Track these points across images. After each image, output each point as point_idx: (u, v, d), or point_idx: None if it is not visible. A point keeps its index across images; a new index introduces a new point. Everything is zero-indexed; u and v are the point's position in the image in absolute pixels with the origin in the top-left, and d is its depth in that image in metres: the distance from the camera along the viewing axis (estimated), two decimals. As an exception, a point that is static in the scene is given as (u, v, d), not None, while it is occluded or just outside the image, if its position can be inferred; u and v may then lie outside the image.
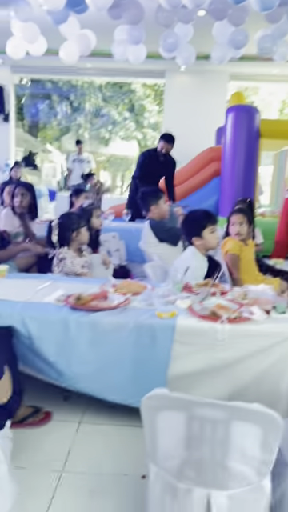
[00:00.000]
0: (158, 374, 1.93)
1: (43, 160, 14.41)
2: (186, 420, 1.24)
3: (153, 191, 3.73)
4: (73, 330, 1.97)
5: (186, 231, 2.78)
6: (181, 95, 8.66)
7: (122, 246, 4.50)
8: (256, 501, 1.29)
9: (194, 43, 5.25)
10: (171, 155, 5.80)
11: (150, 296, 2.20)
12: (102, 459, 1.90)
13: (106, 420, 2.16)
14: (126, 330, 1.94)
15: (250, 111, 6.18)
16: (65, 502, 1.65)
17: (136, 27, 4.59)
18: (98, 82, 13.26)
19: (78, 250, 3.02)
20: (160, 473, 1.33)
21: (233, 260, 3.21)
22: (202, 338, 1.92)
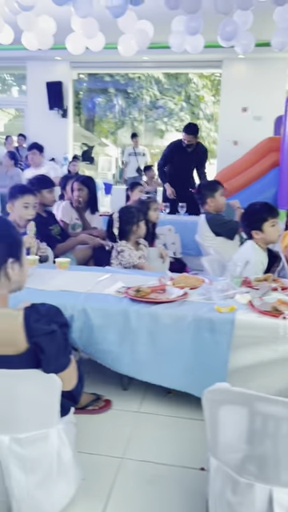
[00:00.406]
0: (218, 366, 1.94)
1: (99, 154, 14.67)
2: (248, 415, 1.24)
3: (209, 184, 3.69)
4: (133, 321, 2.02)
5: (246, 224, 2.74)
6: (238, 84, 8.45)
7: (177, 239, 4.51)
8: None
9: (253, 30, 5.09)
10: (202, 145, 5.65)
11: (208, 290, 2.20)
12: (161, 449, 1.94)
13: (163, 411, 2.19)
14: (184, 323, 1.96)
15: (313, 99, 5.92)
16: (125, 488, 1.70)
17: (193, 17, 4.53)
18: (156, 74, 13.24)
19: (135, 243, 3.07)
20: (221, 466, 1.34)
21: None
22: (263, 333, 1.90)
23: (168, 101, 14.34)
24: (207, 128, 14.73)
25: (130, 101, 14.52)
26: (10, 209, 2.87)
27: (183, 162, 5.43)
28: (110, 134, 15.84)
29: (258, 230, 2.66)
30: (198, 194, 3.62)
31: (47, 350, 1.28)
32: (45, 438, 1.42)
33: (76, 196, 4.04)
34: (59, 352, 1.32)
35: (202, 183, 3.74)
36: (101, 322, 2.05)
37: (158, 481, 1.74)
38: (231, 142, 8.11)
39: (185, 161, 5.42)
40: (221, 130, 8.89)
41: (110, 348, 2.07)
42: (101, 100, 14.77)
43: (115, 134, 15.66)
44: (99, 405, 2.20)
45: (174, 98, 14.38)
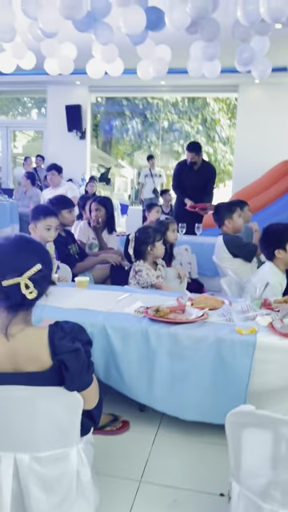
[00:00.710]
0: (238, 390, 1.91)
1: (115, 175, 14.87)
2: (272, 439, 1.22)
3: (227, 205, 3.71)
4: (153, 341, 2.00)
5: (268, 244, 2.72)
6: (254, 108, 8.55)
7: (193, 260, 4.51)
8: None
9: (270, 56, 5.18)
10: (209, 163, 5.70)
11: (228, 311, 2.19)
12: (179, 473, 1.90)
13: (181, 434, 2.16)
14: (205, 345, 1.94)
15: None
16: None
17: (212, 44, 4.63)
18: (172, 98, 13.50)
19: (153, 263, 3.08)
20: (243, 492, 1.31)
21: None
22: (284, 356, 1.88)
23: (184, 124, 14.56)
24: (223, 150, 14.87)
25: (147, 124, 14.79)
26: (32, 229, 2.91)
27: (190, 181, 5.47)
28: (127, 156, 16.09)
29: (282, 250, 2.65)
30: (217, 215, 3.63)
31: (71, 368, 1.29)
32: (65, 458, 1.41)
33: (94, 216, 4.09)
34: (83, 370, 1.32)
35: (220, 204, 3.75)
36: (120, 341, 2.05)
37: (177, 506, 1.71)
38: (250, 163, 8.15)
39: (192, 179, 5.46)
40: (236, 152, 8.96)
41: (130, 371, 2.05)
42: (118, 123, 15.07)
43: (131, 156, 15.90)
44: (117, 426, 2.18)
45: (190, 121, 14.60)
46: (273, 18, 3.53)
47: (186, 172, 5.48)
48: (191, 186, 5.47)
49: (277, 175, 6.78)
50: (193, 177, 5.47)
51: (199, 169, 5.48)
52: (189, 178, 5.47)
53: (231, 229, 3.50)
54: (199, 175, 5.48)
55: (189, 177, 5.47)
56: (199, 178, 5.49)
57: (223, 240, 3.48)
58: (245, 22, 3.83)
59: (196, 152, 5.40)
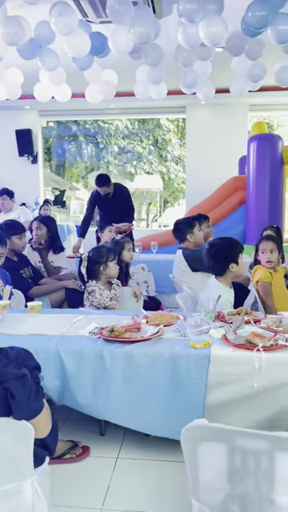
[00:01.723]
0: (195, 404, 1.90)
1: (71, 198, 14.82)
2: (227, 451, 1.22)
3: (186, 221, 3.76)
4: (108, 362, 1.97)
5: (221, 260, 2.74)
6: (202, 128, 8.84)
7: (150, 278, 4.52)
8: (306, 538, 1.22)
9: (213, 78, 5.40)
10: (120, 185, 5.72)
11: (182, 326, 2.19)
12: (142, 496, 1.86)
13: (143, 455, 2.12)
14: (161, 361, 1.93)
15: (273, 139, 6.25)
16: None
17: (156, 68, 4.77)
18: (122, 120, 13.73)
19: (107, 282, 3.06)
20: (203, 509, 1.29)
21: (265, 288, 3.18)
22: (238, 367, 1.89)
23: (136, 145, 14.80)
24: (175, 169, 15.20)
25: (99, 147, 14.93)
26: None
27: (109, 208, 5.45)
28: (81, 178, 16.11)
29: (234, 263, 2.71)
30: (177, 232, 3.68)
31: (18, 395, 1.24)
32: (18, 492, 1.34)
33: (35, 235, 4.04)
34: (30, 396, 1.27)
35: (180, 221, 3.79)
36: (74, 364, 2.00)
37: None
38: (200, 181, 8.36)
39: (110, 206, 5.44)
40: (188, 170, 9.18)
41: (84, 392, 2.01)
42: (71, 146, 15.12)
43: (86, 178, 15.94)
44: (76, 452, 2.11)
45: (142, 142, 14.86)
46: (212, 41, 3.69)
47: (102, 201, 5.49)
48: (111, 211, 5.44)
49: (227, 191, 7.00)
50: (110, 203, 5.45)
51: (114, 194, 5.46)
52: (106, 205, 5.49)
53: (193, 243, 3.56)
54: (115, 200, 5.46)
55: (106, 204, 5.49)
56: (116, 203, 5.47)
57: (183, 255, 3.52)
58: (186, 45, 3.98)
59: (106, 185, 5.35)
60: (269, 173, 6.13)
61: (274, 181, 6.16)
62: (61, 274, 4.04)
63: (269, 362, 1.87)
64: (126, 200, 5.64)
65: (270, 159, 6.12)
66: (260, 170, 6.16)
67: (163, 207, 16.84)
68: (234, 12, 3.79)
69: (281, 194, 6.23)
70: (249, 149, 6.33)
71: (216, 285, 2.76)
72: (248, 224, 6.42)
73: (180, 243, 3.68)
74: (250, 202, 6.36)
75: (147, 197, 16.63)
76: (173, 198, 16.58)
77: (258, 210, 6.20)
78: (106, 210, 5.52)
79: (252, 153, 6.22)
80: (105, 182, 5.35)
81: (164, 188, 15.77)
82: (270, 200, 6.16)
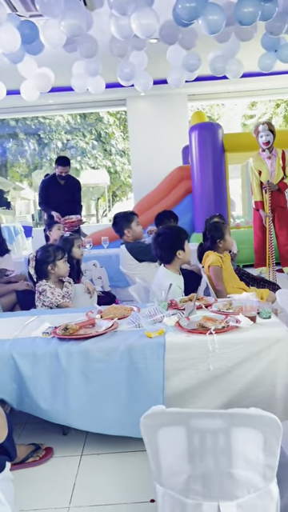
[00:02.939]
0: (155, 395, 1.92)
1: (16, 198, 14.43)
2: (186, 434, 1.25)
3: (124, 215, 3.75)
4: (64, 361, 1.95)
5: (168, 248, 2.79)
6: (144, 120, 8.88)
7: (103, 273, 4.51)
8: (265, 507, 1.28)
9: (150, 69, 5.43)
10: (74, 177, 5.88)
11: (136, 318, 2.21)
12: (108, 490, 1.87)
13: (107, 449, 2.13)
14: (117, 354, 1.94)
15: (213, 128, 6.38)
16: (75, 538, 1.61)
17: (92, 60, 4.73)
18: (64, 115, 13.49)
19: (58, 281, 3.02)
20: (167, 492, 1.32)
21: (216, 272, 3.25)
22: (193, 352, 1.94)
23: (79, 140, 14.62)
24: (121, 162, 15.19)
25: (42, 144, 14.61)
26: None
27: (58, 195, 5.49)
28: (24, 177, 15.71)
29: (181, 250, 2.76)
30: (116, 227, 3.68)
31: None
32: (-21, 502, 1.31)
33: None
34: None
35: (117, 215, 3.81)
36: (30, 367, 1.96)
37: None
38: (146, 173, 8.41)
39: (60, 193, 5.49)
40: (133, 163, 9.21)
41: (43, 395, 1.97)
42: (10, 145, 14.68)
43: (29, 177, 15.57)
44: (40, 455, 2.08)
45: (85, 137, 14.71)
46: (144, 34, 3.70)
47: (54, 187, 5.51)
48: (59, 199, 5.49)
49: (173, 182, 7.09)
50: (60, 191, 5.51)
51: (66, 183, 5.55)
52: (56, 192, 5.51)
53: (131, 237, 3.57)
54: (66, 189, 5.55)
55: (57, 191, 5.51)
56: (67, 192, 5.55)
57: (126, 248, 3.53)
58: (119, 36, 3.97)
59: (69, 165, 5.50)
60: (211, 161, 6.27)
61: (216, 169, 6.30)
62: (11, 276, 3.94)
63: (221, 344, 1.93)
64: (76, 192, 5.66)
65: (212, 148, 6.25)
66: (203, 158, 6.28)
67: (112, 201, 16.81)
68: (166, 2, 3.82)
69: (224, 181, 6.40)
70: (190, 138, 6.44)
71: (165, 273, 2.80)
72: (195, 213, 6.54)
73: (120, 237, 3.70)
74: (195, 191, 6.48)
75: (95, 192, 16.53)
76: (121, 191, 16.59)
77: (204, 198, 6.33)
78: (55, 196, 5.49)
79: (194, 142, 6.33)
80: (68, 161, 5.48)
81: (111, 182, 15.73)
82: (214, 188, 6.30)
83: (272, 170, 5.17)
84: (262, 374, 1.92)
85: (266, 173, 5.15)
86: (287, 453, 1.52)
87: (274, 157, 5.17)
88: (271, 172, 5.16)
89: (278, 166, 5.15)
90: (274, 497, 1.31)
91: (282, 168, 5.15)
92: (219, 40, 4.62)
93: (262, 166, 5.20)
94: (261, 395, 1.92)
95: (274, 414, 1.87)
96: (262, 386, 1.92)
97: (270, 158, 5.16)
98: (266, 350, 1.92)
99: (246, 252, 5.83)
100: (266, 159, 5.18)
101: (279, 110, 14.22)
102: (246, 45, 4.78)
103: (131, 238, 3.57)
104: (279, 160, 5.15)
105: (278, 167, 5.15)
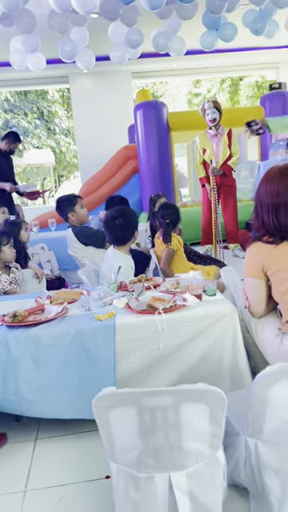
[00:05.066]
0: (106, 377, 1.95)
1: None
2: (136, 412, 1.29)
3: (67, 198, 3.66)
4: (14, 349, 1.94)
5: (131, 226, 2.82)
6: (88, 97, 8.69)
7: (52, 257, 4.45)
8: (213, 473, 1.37)
9: (93, 46, 5.30)
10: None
11: (86, 301, 2.22)
12: (64, 471, 1.90)
13: (61, 431, 2.16)
14: (67, 339, 1.95)
15: (157, 106, 6.37)
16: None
17: (30, 36, 4.54)
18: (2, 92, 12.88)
19: (5, 267, 2.96)
20: (121, 468, 1.37)
21: (169, 255, 3.31)
22: (143, 332, 1.99)
23: (21, 119, 14.08)
24: (66, 142, 14.82)
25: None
26: None
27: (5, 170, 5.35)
28: None
29: (136, 230, 2.81)
30: (59, 210, 3.62)
31: None
32: None
33: None
34: None
35: (61, 198, 3.72)
36: (-22, 356, 1.93)
37: (65, 502, 1.72)
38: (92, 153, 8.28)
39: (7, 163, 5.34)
40: (78, 142, 9.03)
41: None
42: None
43: None
44: (-7, 442, 2.07)
45: (26, 116, 14.17)
46: (83, 9, 3.60)
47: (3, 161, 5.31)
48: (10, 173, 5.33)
49: (120, 161, 7.05)
50: (10, 166, 5.33)
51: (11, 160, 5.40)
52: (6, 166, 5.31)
53: (76, 220, 3.53)
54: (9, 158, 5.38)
55: (6, 165, 5.31)
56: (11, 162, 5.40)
57: (73, 232, 3.50)
58: (58, 9, 3.83)
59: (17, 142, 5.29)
60: (157, 140, 6.28)
61: (162, 147, 6.33)
62: None
63: (170, 323, 1.99)
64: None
65: (157, 126, 6.26)
66: (148, 137, 6.28)
67: (59, 182, 16.44)
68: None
69: (170, 160, 6.44)
70: (136, 117, 6.40)
71: (116, 254, 2.81)
72: (143, 192, 6.57)
73: (66, 221, 3.64)
74: (142, 171, 6.49)
75: (40, 172, 16.07)
76: (67, 171, 16.24)
77: (151, 177, 6.36)
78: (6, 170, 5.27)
79: (139, 121, 6.30)
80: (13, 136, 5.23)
81: (57, 162, 15.34)
82: (160, 167, 6.34)
83: (217, 149, 5.22)
84: (210, 349, 2.00)
85: (211, 151, 5.22)
86: (233, 422, 1.61)
87: (220, 135, 5.22)
88: (216, 151, 5.23)
89: (223, 144, 5.19)
90: (220, 463, 1.40)
91: (228, 146, 5.19)
92: (160, 16, 4.59)
93: (207, 144, 5.26)
94: (210, 370, 2.01)
95: (222, 386, 1.99)
96: (210, 361, 2.01)
97: (216, 135, 5.21)
98: (212, 326, 2.00)
99: (193, 230, 5.96)
100: (211, 137, 5.24)
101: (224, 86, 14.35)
102: (188, 23, 4.78)
103: (76, 222, 3.53)
104: (225, 138, 5.19)
105: (224, 145, 5.19)
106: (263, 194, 1.89)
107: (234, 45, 6.80)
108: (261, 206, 1.90)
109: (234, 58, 8.49)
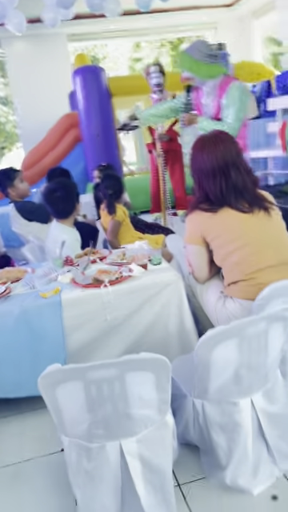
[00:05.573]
0: (57, 353, 1.95)
1: None
2: (83, 387, 1.30)
3: (4, 173, 3.47)
4: None
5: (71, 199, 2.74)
6: (24, 64, 8.24)
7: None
8: (162, 436, 1.43)
9: (23, 7, 4.99)
10: None
11: (31, 279, 2.18)
12: (21, 448, 1.91)
13: (12, 411, 2.15)
14: (11, 319, 1.91)
15: (96, 71, 6.16)
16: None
17: None
18: None
19: None
20: (72, 441, 1.40)
21: (115, 226, 3.28)
22: (90, 306, 1.99)
23: None
24: (5, 112, 14.09)
25: None
26: None
27: None
28: None
29: (78, 203, 2.77)
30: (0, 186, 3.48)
31: None
32: None
33: None
34: None
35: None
36: None
37: (19, 480, 1.74)
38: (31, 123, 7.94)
39: None
40: (18, 112, 8.61)
41: None
42: None
43: None
44: None
45: None
46: None
47: None
48: None
49: (61, 130, 6.82)
50: None
51: None
52: None
53: (16, 195, 3.41)
54: None
55: None
56: None
57: (15, 208, 3.39)
58: None
59: None
60: (98, 107, 6.11)
61: (104, 114, 6.18)
62: None
63: (116, 295, 2.00)
64: None
65: (97, 92, 6.08)
66: (89, 104, 6.09)
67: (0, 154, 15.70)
68: None
69: (113, 127, 6.31)
70: (75, 83, 6.17)
71: (60, 228, 2.75)
72: (88, 161, 6.43)
73: (6, 196, 3.51)
74: (85, 139, 6.33)
75: (-22, 145, 15.25)
76: (9, 143, 15.51)
77: (94, 146, 6.22)
78: None
79: (78, 87, 6.09)
80: None
81: (-4, 133, 14.60)
82: (103, 134, 6.20)
83: None
84: (156, 318, 2.04)
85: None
86: (181, 385, 1.67)
87: (164, 100, 5.13)
88: None
89: None
90: (169, 426, 1.46)
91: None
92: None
93: (152, 110, 5.16)
94: (157, 338, 2.06)
95: (171, 352, 2.05)
96: (157, 328, 2.06)
97: (160, 100, 5.12)
98: (157, 295, 2.03)
99: (142, 199, 5.94)
100: (156, 102, 5.14)
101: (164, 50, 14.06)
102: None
103: (17, 196, 3.41)
104: None
105: None
106: (203, 162, 1.90)
107: (171, 5, 6.65)
108: (203, 175, 1.90)
109: (172, 17, 8.30)
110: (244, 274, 1.85)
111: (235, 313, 1.88)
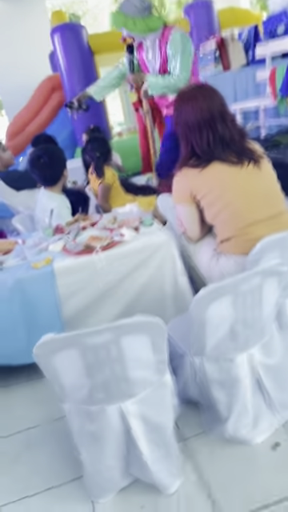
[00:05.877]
0: (53, 322, 1.96)
1: None
2: (79, 353, 1.30)
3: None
4: None
5: (57, 164, 2.69)
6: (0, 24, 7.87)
7: (-16, 206, 4.23)
8: (162, 395, 1.45)
9: None
10: None
11: (21, 250, 2.16)
12: (28, 415, 1.95)
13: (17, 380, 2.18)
14: (5, 291, 1.91)
15: (75, 28, 5.89)
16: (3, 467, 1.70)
17: None
18: None
19: None
20: (73, 406, 1.42)
21: (105, 190, 3.23)
22: (83, 273, 1.98)
23: None
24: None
25: None
26: None
27: None
28: None
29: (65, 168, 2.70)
30: None
31: None
32: None
33: None
34: None
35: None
36: None
37: (31, 445, 1.78)
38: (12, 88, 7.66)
39: None
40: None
41: None
42: None
43: None
44: None
45: None
46: None
47: None
48: None
49: (44, 94, 6.60)
50: None
51: None
52: None
53: (0, 166, 3.33)
54: None
55: None
56: None
57: (0, 178, 3.31)
58: None
59: None
60: (81, 66, 5.88)
61: (87, 73, 5.95)
62: None
63: (109, 260, 1.98)
64: None
65: (78, 51, 5.82)
66: (71, 64, 5.85)
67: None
68: None
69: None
70: (54, 43, 5.90)
71: (48, 196, 2.70)
72: (75, 125, 6.25)
73: None
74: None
75: None
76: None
77: (79, 108, 6.02)
78: None
79: (58, 47, 5.83)
80: None
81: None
82: (89, 96, 5.98)
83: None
84: (151, 280, 2.04)
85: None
86: (180, 344, 1.68)
87: None
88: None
89: None
90: (168, 386, 1.47)
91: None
92: None
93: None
94: (153, 299, 2.06)
95: (166, 313, 2.05)
96: (152, 291, 2.05)
97: None
98: (150, 257, 2.01)
99: (132, 160, 5.80)
100: None
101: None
102: None
103: (1, 166, 3.33)
104: None
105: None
106: (187, 115, 1.82)
107: None
108: (188, 129, 1.84)
109: None
110: (236, 228, 1.83)
111: (229, 269, 1.87)
